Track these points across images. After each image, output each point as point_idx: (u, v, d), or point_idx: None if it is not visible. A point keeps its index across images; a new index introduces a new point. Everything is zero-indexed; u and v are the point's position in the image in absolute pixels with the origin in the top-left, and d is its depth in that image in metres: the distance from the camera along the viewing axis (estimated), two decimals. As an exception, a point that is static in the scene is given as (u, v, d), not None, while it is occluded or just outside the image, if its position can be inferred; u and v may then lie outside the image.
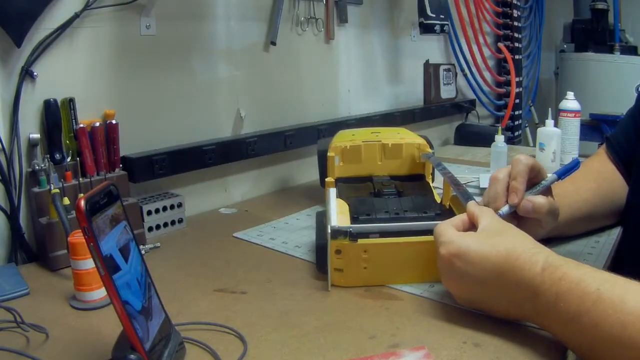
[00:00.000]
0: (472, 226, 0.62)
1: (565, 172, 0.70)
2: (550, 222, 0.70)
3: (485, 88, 2.01)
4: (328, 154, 0.88)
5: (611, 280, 0.50)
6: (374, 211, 0.72)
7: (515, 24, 2.13)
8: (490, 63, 2.06)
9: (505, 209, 0.67)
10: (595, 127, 2.14)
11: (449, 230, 0.60)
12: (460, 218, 0.63)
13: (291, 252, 0.81)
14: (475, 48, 1.87)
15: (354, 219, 0.71)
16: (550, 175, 0.70)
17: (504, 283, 0.55)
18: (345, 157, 0.89)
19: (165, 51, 0.97)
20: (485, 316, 0.60)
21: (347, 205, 0.75)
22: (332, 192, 0.79)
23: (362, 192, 0.82)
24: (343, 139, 0.92)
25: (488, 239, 0.57)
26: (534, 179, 0.69)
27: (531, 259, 0.54)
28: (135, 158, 0.90)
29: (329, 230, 0.67)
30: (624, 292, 0.48)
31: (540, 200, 0.67)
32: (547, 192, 0.70)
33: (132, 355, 0.45)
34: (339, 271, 0.68)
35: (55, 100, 0.81)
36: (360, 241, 0.67)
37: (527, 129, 2.46)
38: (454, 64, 1.83)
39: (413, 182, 0.87)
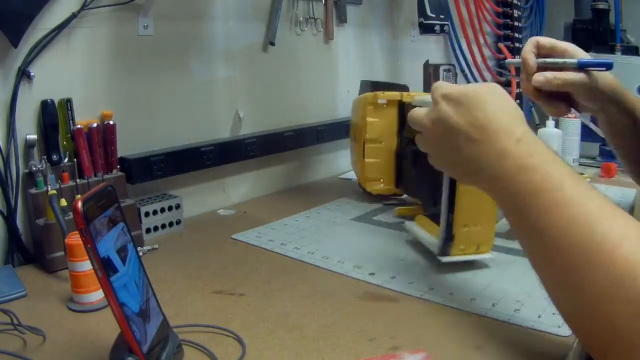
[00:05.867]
0: None
1: (589, 63, 0.69)
2: (584, 95, 0.74)
3: (485, 88, 2.00)
4: None
5: (575, 177, 0.49)
6: None
7: (516, 24, 2.13)
8: (491, 63, 2.06)
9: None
10: (596, 128, 2.13)
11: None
12: None
13: (290, 254, 0.81)
14: (475, 48, 1.87)
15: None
16: (570, 60, 0.70)
17: (476, 142, 0.53)
18: None
19: (163, 51, 0.97)
20: (485, 318, 0.59)
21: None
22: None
23: None
24: None
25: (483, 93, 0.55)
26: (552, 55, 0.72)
27: (509, 127, 0.52)
28: (133, 159, 0.90)
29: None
30: (586, 195, 0.47)
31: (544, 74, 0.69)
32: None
33: (130, 358, 0.45)
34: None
35: (52, 101, 0.80)
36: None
37: (528, 130, 2.46)
38: (454, 64, 1.83)
39: None
